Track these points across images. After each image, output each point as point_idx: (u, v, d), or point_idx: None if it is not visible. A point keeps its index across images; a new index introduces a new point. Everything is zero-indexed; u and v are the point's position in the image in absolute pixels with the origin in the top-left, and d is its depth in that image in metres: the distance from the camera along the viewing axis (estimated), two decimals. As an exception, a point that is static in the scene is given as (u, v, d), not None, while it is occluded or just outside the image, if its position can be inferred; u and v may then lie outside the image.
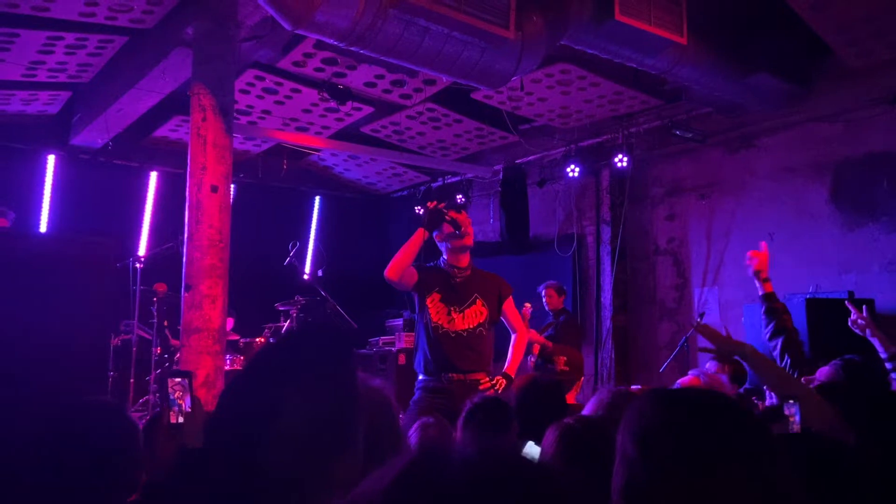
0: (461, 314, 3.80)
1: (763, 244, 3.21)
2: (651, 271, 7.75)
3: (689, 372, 3.79)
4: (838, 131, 6.19)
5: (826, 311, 5.35)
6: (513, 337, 4.03)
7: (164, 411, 1.75)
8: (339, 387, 1.10)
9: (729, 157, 7.07)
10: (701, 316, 6.94)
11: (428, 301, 3.80)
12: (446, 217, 3.70)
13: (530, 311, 6.59)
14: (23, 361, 2.29)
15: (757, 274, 3.10)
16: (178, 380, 1.79)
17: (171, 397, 1.73)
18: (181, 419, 1.73)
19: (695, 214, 7.38)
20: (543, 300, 6.79)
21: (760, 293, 3.10)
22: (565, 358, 3.59)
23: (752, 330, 5.97)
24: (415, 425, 2.56)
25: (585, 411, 2.19)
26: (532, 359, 6.56)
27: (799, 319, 5.42)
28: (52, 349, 2.38)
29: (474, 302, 3.83)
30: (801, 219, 6.45)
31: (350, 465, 1.10)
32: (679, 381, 3.51)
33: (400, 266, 3.71)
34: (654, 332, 7.63)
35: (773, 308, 3.03)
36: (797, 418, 1.92)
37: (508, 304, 3.96)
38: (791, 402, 1.94)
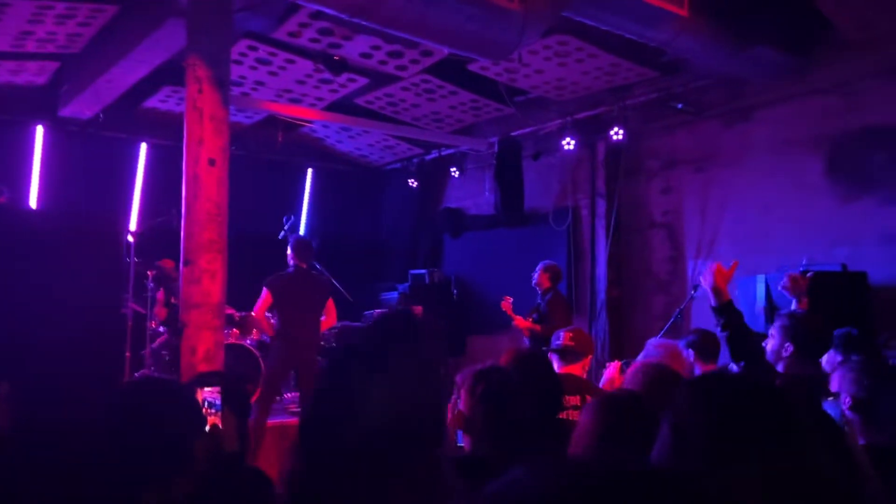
0: None
1: (734, 263, 3.04)
2: (645, 244, 7.79)
3: (648, 343, 3.61)
4: (836, 104, 6.19)
5: (822, 284, 5.40)
6: None
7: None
8: (428, 377, 1.19)
9: (726, 130, 7.07)
10: (695, 288, 7.02)
11: None
12: None
13: (511, 302, 6.63)
14: (39, 340, 2.27)
15: (716, 290, 2.91)
16: (209, 389, 1.75)
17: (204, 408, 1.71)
18: (210, 428, 1.71)
19: (690, 188, 7.39)
20: (535, 277, 6.72)
21: (714, 304, 2.90)
22: (571, 334, 3.57)
23: (746, 304, 6.03)
24: None
25: (626, 384, 2.21)
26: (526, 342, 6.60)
27: (794, 291, 5.47)
28: (69, 327, 2.35)
29: None
30: (797, 191, 6.48)
31: (440, 452, 1.21)
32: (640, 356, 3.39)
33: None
34: (649, 304, 7.70)
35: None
36: None
37: None
38: None
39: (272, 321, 6.00)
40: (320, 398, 1.27)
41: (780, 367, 3.24)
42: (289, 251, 6.04)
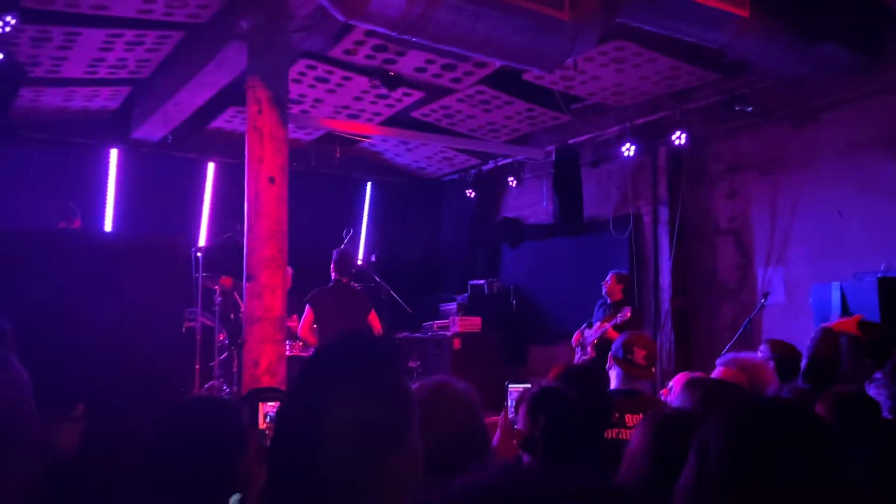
0: None
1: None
2: (711, 251, 7.55)
3: (718, 362, 3.52)
4: (910, 103, 5.88)
5: (900, 291, 5.14)
6: None
7: (253, 437, 1.73)
8: (384, 389, 1.16)
9: (793, 132, 6.79)
10: (765, 296, 6.77)
11: None
12: None
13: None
14: (108, 361, 2.37)
15: None
16: (272, 404, 1.73)
17: (265, 423, 1.71)
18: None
19: (757, 192, 7.13)
20: (606, 287, 6.71)
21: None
22: (645, 352, 3.31)
23: (819, 310, 5.76)
24: None
25: (675, 401, 2.16)
26: (586, 357, 6.52)
27: (870, 300, 5.21)
28: (143, 344, 2.45)
29: None
30: (870, 195, 6.17)
31: (407, 462, 1.16)
32: (714, 374, 3.31)
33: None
34: (716, 313, 7.45)
35: None
36: None
37: None
38: None
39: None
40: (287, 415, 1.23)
41: None
42: (332, 265, 6.16)
